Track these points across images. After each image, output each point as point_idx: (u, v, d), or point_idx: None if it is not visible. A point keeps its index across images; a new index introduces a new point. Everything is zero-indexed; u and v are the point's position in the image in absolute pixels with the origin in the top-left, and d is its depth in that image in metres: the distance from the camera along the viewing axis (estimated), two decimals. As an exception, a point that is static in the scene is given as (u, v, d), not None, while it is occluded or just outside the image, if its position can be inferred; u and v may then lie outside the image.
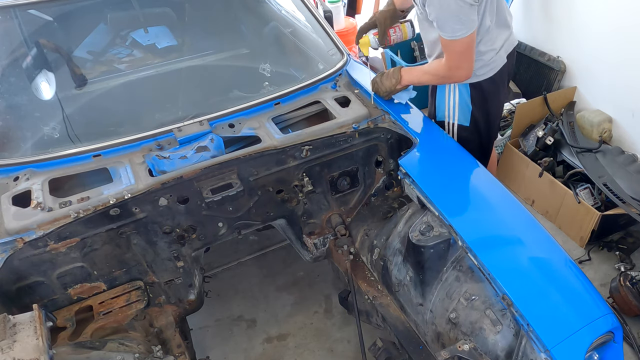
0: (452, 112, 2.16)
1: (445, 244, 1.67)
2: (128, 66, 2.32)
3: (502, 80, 2.13)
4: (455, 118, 2.17)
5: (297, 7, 2.57)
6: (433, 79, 2.05)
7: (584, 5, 3.09)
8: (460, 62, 1.88)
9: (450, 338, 1.64)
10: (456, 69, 1.90)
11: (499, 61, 2.05)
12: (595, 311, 1.41)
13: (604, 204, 2.78)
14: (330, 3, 4.40)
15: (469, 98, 2.10)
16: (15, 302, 1.64)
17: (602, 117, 3.11)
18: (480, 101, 2.11)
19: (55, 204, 1.64)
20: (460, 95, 2.11)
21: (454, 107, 2.15)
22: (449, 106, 2.16)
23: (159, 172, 1.76)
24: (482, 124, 2.18)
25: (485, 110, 2.15)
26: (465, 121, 2.16)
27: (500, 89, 2.15)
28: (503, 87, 2.19)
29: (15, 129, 2.02)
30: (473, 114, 2.14)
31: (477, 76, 2.04)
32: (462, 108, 2.14)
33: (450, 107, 2.16)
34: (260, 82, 2.22)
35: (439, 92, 2.18)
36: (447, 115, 2.19)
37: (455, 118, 2.17)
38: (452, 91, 2.12)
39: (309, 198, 2.07)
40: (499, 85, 2.12)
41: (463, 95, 2.11)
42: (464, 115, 2.15)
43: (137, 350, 1.66)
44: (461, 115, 2.16)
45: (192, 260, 1.96)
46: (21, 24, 2.15)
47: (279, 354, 2.42)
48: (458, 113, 2.15)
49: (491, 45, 1.99)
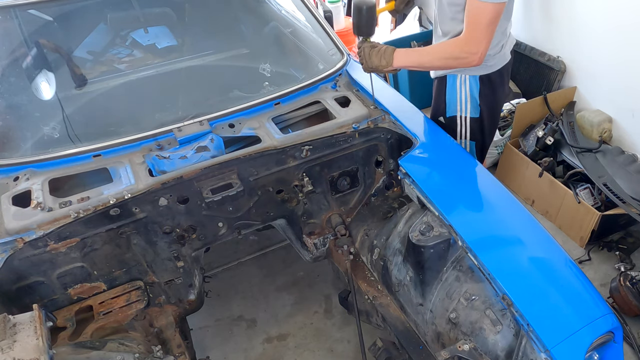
0: (465, 105, 2.16)
1: (445, 244, 1.67)
2: (128, 66, 2.32)
3: (507, 73, 2.16)
4: (468, 111, 2.17)
5: (297, 7, 2.57)
6: (438, 60, 1.89)
7: (584, 5, 3.09)
8: (484, 34, 1.74)
9: (450, 338, 1.64)
10: (477, 44, 1.76)
11: (507, 54, 2.07)
12: (595, 311, 1.41)
13: (604, 204, 2.78)
14: (330, 3, 4.41)
15: (477, 91, 2.11)
16: (15, 302, 1.64)
17: (602, 117, 3.11)
18: (487, 93, 2.12)
19: (55, 204, 1.63)
20: (471, 87, 2.11)
21: (465, 100, 2.14)
22: (461, 99, 2.15)
23: (159, 172, 1.76)
24: (487, 116, 2.20)
25: (491, 103, 2.17)
26: (476, 113, 2.18)
27: (505, 81, 2.17)
28: (507, 80, 2.21)
29: (15, 129, 2.02)
30: (480, 106, 2.15)
31: (489, 67, 2.05)
32: (473, 100, 2.15)
33: (462, 100, 2.15)
34: (260, 82, 2.21)
35: (450, 87, 2.16)
36: (459, 109, 2.19)
37: (467, 111, 2.17)
38: (463, 84, 2.11)
39: (309, 198, 2.07)
40: (505, 77, 2.15)
41: (472, 87, 2.11)
42: (474, 108, 2.16)
43: (137, 350, 1.66)
44: (472, 108, 2.16)
45: (192, 260, 1.96)
46: (21, 24, 2.14)
47: (279, 354, 2.42)
48: (470, 106, 2.16)
49: (505, 30, 2.00)
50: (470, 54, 1.79)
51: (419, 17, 4.37)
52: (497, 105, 2.24)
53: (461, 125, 2.22)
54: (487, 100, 2.14)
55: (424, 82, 3.95)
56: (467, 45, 1.78)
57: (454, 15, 1.91)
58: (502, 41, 2.01)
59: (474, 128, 2.21)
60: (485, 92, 2.11)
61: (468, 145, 2.27)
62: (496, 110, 2.25)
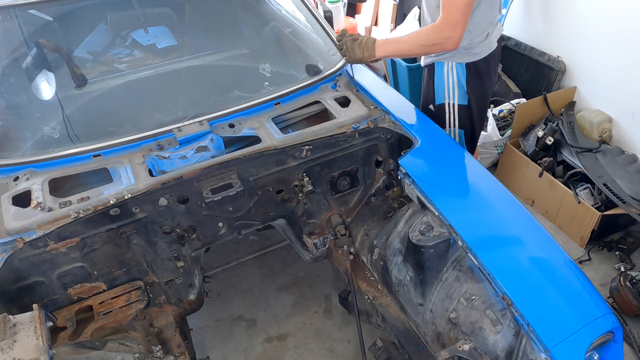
0: (452, 92, 2.20)
1: (445, 244, 1.67)
2: (128, 66, 2.32)
3: (494, 62, 2.20)
4: (455, 98, 2.22)
5: (297, 7, 2.57)
6: (416, 48, 1.97)
7: (584, 5, 3.09)
8: (458, 19, 1.82)
9: (450, 338, 1.64)
10: (451, 29, 1.83)
11: (493, 42, 2.12)
12: (595, 311, 1.41)
13: (604, 203, 2.78)
14: (330, 3, 4.40)
15: (464, 78, 2.15)
16: (15, 302, 1.64)
17: (602, 117, 3.11)
18: (474, 81, 2.17)
19: (55, 204, 1.63)
20: (458, 75, 2.16)
21: (453, 87, 2.19)
22: (449, 86, 2.20)
23: (159, 172, 1.76)
24: (475, 104, 2.24)
25: (478, 90, 2.21)
26: (464, 101, 2.22)
27: (492, 70, 2.21)
28: (495, 69, 2.25)
29: (15, 129, 2.02)
30: (468, 94, 2.19)
31: (475, 54, 2.10)
32: (460, 87, 2.19)
33: (449, 87, 2.20)
34: (260, 82, 2.21)
35: (437, 75, 2.21)
36: (447, 96, 2.23)
37: (455, 98, 2.22)
38: (450, 71, 2.16)
39: (309, 198, 2.07)
40: (491, 66, 2.19)
41: (459, 75, 2.16)
42: (462, 95, 2.21)
43: (137, 350, 1.66)
44: (460, 95, 2.20)
45: (192, 260, 1.96)
46: (21, 24, 2.14)
47: (279, 354, 2.42)
48: (457, 93, 2.20)
49: (492, 20, 2.05)
50: (445, 39, 1.87)
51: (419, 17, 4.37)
52: (485, 94, 2.28)
53: (449, 112, 2.25)
54: (474, 88, 2.18)
55: (423, 82, 3.98)
56: (442, 31, 1.85)
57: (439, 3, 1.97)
58: (487, 30, 2.07)
59: (462, 116, 2.25)
60: (472, 80, 2.16)
61: (457, 134, 2.31)
62: (484, 99, 2.29)
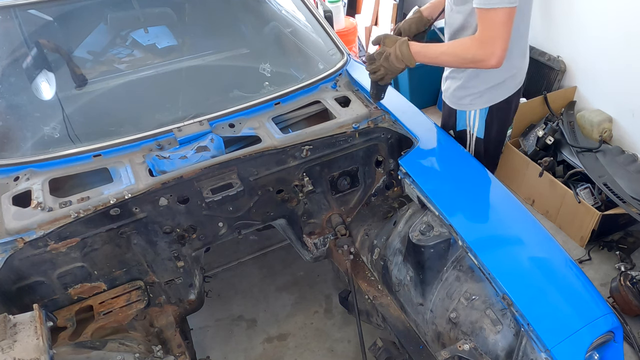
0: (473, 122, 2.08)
1: (445, 243, 1.67)
2: (128, 66, 2.32)
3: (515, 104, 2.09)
4: (475, 129, 2.10)
5: (297, 7, 2.57)
6: (454, 60, 1.78)
7: (584, 5, 3.09)
8: (498, 33, 1.60)
9: (450, 338, 1.64)
10: (491, 44, 1.61)
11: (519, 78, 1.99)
12: (596, 311, 1.41)
13: (604, 203, 2.78)
14: (330, 3, 4.40)
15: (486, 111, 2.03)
16: (16, 302, 1.64)
17: (602, 116, 3.11)
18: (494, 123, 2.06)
19: (55, 204, 1.64)
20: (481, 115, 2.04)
21: (474, 118, 2.07)
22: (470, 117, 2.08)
23: (159, 172, 1.76)
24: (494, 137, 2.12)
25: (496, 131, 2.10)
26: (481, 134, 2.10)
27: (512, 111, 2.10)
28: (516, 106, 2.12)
29: (15, 129, 2.02)
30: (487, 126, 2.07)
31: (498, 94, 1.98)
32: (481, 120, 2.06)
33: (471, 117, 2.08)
34: (260, 82, 2.21)
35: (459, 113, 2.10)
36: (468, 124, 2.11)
37: (475, 129, 2.10)
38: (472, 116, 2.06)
39: (309, 198, 2.07)
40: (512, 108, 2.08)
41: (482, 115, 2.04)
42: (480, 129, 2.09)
43: (138, 350, 1.66)
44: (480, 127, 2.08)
45: (192, 260, 1.96)
46: (21, 24, 2.14)
47: (279, 354, 2.42)
48: (478, 125, 2.08)
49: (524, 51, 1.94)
50: (486, 54, 1.65)
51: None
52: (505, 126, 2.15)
53: (469, 141, 2.15)
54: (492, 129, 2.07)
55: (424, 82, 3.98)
56: (481, 47, 1.65)
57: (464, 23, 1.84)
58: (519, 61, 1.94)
59: (478, 149, 2.14)
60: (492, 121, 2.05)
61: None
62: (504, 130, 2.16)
